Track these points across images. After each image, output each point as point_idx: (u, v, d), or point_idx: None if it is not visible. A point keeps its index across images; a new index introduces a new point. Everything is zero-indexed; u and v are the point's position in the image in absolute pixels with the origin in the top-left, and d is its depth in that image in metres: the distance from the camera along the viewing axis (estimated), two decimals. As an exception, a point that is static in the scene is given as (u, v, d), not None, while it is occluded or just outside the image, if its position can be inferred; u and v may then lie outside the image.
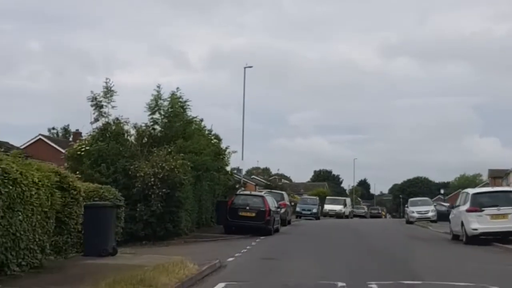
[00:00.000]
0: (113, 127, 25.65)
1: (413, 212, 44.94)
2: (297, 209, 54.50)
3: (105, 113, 25.67)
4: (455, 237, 25.81)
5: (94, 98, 25.56)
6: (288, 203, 39.57)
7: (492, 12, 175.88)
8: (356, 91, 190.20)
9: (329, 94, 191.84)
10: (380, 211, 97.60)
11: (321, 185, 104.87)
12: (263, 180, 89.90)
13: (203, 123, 31.19)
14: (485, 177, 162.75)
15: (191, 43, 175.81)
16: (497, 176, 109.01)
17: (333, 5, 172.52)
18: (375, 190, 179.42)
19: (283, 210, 35.11)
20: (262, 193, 31.26)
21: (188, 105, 27.54)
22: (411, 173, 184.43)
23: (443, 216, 46.38)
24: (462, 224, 23.96)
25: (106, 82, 25.52)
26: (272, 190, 42.23)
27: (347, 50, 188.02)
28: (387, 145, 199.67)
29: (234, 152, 32.50)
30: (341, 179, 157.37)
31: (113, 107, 25.66)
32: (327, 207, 67.60)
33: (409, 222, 44.67)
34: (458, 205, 25.59)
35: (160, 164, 23.91)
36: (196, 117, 28.34)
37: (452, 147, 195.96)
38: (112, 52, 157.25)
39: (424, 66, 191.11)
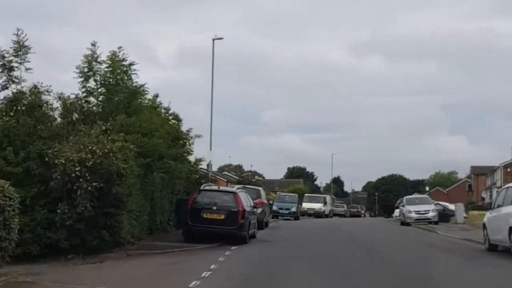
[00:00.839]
0: (28, 98, 18.27)
1: (410, 212, 37.92)
2: (274, 208, 47.29)
3: (16, 78, 18.27)
4: (493, 248, 18.92)
5: (1, 57, 18.16)
6: (265, 201, 32.36)
7: (461, 11, 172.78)
8: (329, 89, 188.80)
9: (302, 92, 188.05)
10: (359, 210, 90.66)
11: (297, 181, 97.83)
12: (235, 177, 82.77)
13: (158, 99, 24.01)
14: (461, 174, 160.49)
15: (162, 40, 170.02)
16: (480, 173, 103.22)
17: (305, 3, 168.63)
18: (351, 187, 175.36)
19: (259, 210, 27.97)
20: (234, 189, 23.88)
21: (135, 70, 20.18)
22: (384, 171, 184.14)
23: (440, 217, 39.73)
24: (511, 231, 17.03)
25: (16, 35, 18.14)
26: (247, 186, 35.05)
27: (319, 48, 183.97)
28: (360, 143, 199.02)
29: (198, 136, 25.12)
30: (315, 177, 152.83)
31: (27, 69, 18.25)
32: (306, 205, 60.55)
33: (405, 223, 37.73)
34: (500, 205, 18.71)
35: (90, 147, 16.65)
36: (144, 85, 20.79)
37: (423, 145, 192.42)
38: (80, 48, 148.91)
39: (395, 64, 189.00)
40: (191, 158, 27.30)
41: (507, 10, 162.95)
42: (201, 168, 31.74)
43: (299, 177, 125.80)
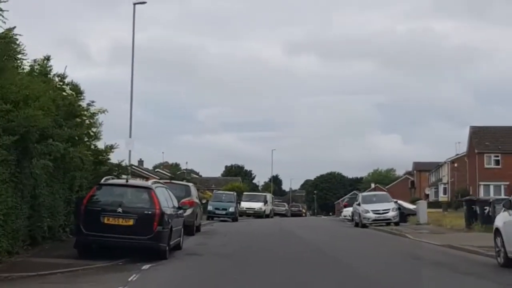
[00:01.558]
0: None
1: (367, 211, 32.24)
2: (209, 208, 41.10)
3: None
4: (511, 263, 13.33)
5: None
6: (197, 200, 26.10)
7: (396, 12, 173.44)
8: (265, 88, 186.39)
9: (237, 91, 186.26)
10: (301, 209, 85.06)
11: (235, 180, 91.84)
12: (169, 174, 76.24)
13: (50, 63, 17.54)
14: (399, 172, 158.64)
15: (94, 37, 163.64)
16: (423, 169, 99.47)
17: (240, 1, 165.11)
18: (290, 185, 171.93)
19: (188, 212, 21.88)
20: (148, 183, 17.26)
21: (1, 10, 13.50)
22: (322, 170, 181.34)
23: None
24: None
25: None
26: (174, 181, 28.82)
27: (255, 46, 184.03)
28: (297, 141, 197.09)
29: (103, 111, 18.58)
30: (253, 175, 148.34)
31: None
32: (244, 204, 54.63)
33: (362, 225, 32.10)
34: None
35: None
36: (13, 29, 13.93)
37: (359, 143, 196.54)
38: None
39: (330, 64, 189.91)
40: (97, 143, 20.74)
41: (442, 11, 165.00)
42: (133, 165, 25.19)
43: (237, 176, 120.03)
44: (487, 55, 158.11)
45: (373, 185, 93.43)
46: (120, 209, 14.42)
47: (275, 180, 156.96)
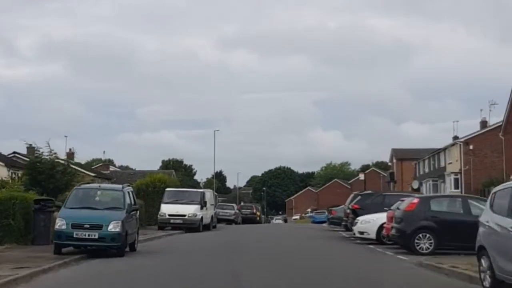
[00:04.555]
0: None
1: None
2: (58, 225, 15.98)
3: None
4: None
5: None
6: None
7: (332, 7, 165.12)
8: (203, 85, 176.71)
9: (176, 88, 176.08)
10: (254, 211, 59.47)
11: (166, 173, 66.59)
12: (78, 169, 52.27)
13: None
14: (354, 166, 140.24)
15: (25, 34, 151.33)
16: (405, 158, 77.09)
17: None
18: (237, 181, 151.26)
19: None
20: None
21: None
22: (266, 166, 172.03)
23: None
24: None
25: None
26: None
27: (189, 42, 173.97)
28: (238, 138, 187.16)
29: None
30: (194, 170, 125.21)
31: None
32: (166, 209, 30.65)
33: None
34: None
35: None
36: None
37: (302, 139, 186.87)
38: None
39: (266, 60, 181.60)
40: None
41: (375, 7, 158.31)
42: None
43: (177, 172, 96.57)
44: (421, 51, 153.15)
45: (362, 177, 68.59)
46: None
47: (219, 176, 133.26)
